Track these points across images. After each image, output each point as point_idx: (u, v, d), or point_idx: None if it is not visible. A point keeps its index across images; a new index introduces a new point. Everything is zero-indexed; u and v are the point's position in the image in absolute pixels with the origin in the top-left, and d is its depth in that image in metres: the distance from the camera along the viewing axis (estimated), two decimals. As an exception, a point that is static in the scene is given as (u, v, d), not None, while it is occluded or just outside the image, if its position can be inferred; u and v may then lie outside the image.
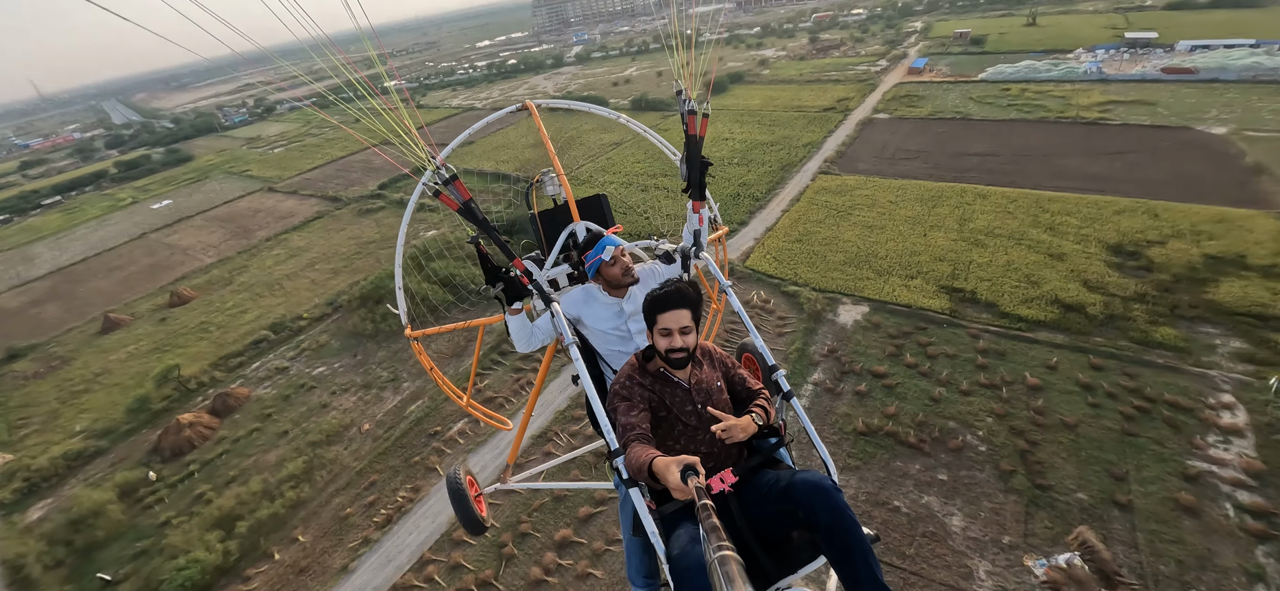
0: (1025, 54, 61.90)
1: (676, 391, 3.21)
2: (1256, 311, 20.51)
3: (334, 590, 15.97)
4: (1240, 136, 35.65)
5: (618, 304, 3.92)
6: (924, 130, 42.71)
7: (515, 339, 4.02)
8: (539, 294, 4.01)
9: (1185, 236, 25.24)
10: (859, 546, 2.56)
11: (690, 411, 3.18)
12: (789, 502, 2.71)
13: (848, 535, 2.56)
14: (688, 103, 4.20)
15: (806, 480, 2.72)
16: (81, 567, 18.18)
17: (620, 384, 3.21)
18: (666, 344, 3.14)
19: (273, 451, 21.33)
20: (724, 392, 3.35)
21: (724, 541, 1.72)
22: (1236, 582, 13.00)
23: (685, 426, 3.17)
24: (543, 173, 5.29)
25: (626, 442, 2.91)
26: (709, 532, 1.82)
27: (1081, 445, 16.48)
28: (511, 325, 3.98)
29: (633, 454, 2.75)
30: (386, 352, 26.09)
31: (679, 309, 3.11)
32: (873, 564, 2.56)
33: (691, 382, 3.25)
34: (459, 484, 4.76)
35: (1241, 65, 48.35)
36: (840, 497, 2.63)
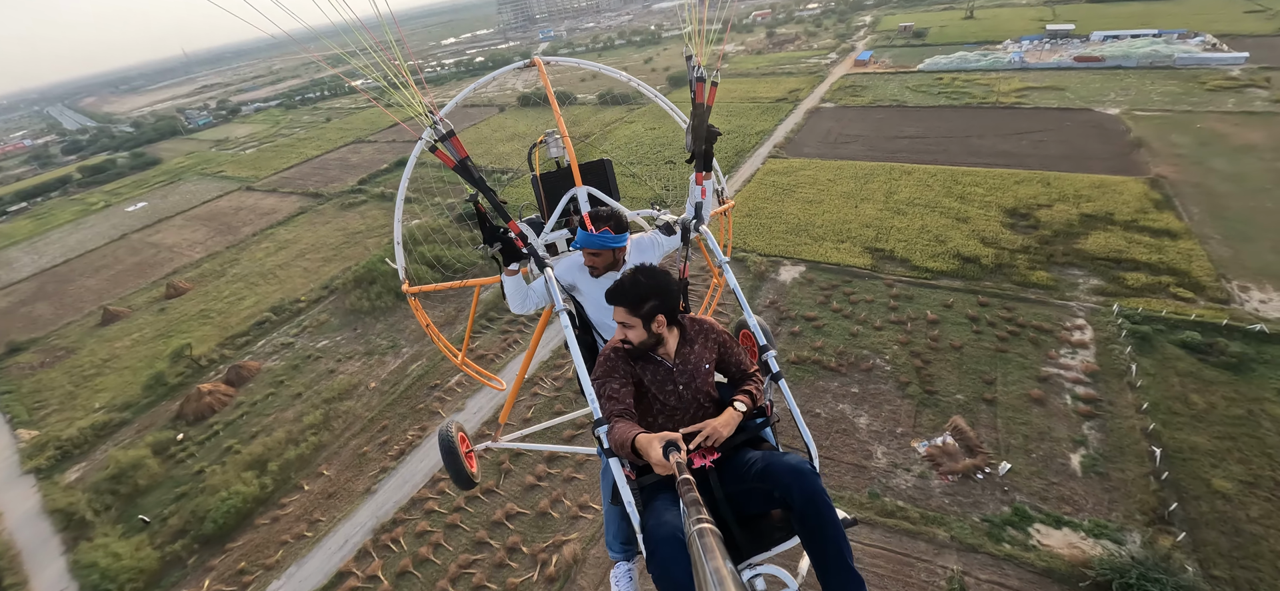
0: (960, 45, 67.38)
1: (659, 370, 3.23)
2: (1113, 256, 25.22)
3: (360, 507, 19.10)
4: (1129, 115, 41.05)
5: (612, 275, 3.90)
6: (864, 117, 47.26)
7: (511, 299, 4.05)
8: (534, 258, 3.96)
9: (1068, 200, 29.99)
10: (832, 529, 2.62)
11: (671, 391, 3.21)
12: (767, 482, 2.77)
13: (820, 518, 2.62)
14: (698, 69, 4.04)
15: (786, 463, 2.77)
16: (127, 511, 20.78)
17: (606, 356, 3.23)
18: (617, 334, 3.22)
19: (290, 409, 24.17)
20: (712, 374, 3.37)
21: (704, 515, 1.72)
22: (1065, 448, 17.28)
23: (663, 405, 3.21)
24: (547, 133, 5.28)
25: (610, 416, 2.95)
26: (689, 506, 1.84)
27: (963, 361, 20.72)
28: (507, 286, 3.99)
29: (616, 430, 2.81)
30: (384, 325, 28.99)
31: (618, 305, 3.13)
32: (844, 548, 2.62)
33: (676, 361, 3.26)
34: (450, 439, 4.82)
35: (1142, 53, 54.41)
36: (817, 482, 2.69)
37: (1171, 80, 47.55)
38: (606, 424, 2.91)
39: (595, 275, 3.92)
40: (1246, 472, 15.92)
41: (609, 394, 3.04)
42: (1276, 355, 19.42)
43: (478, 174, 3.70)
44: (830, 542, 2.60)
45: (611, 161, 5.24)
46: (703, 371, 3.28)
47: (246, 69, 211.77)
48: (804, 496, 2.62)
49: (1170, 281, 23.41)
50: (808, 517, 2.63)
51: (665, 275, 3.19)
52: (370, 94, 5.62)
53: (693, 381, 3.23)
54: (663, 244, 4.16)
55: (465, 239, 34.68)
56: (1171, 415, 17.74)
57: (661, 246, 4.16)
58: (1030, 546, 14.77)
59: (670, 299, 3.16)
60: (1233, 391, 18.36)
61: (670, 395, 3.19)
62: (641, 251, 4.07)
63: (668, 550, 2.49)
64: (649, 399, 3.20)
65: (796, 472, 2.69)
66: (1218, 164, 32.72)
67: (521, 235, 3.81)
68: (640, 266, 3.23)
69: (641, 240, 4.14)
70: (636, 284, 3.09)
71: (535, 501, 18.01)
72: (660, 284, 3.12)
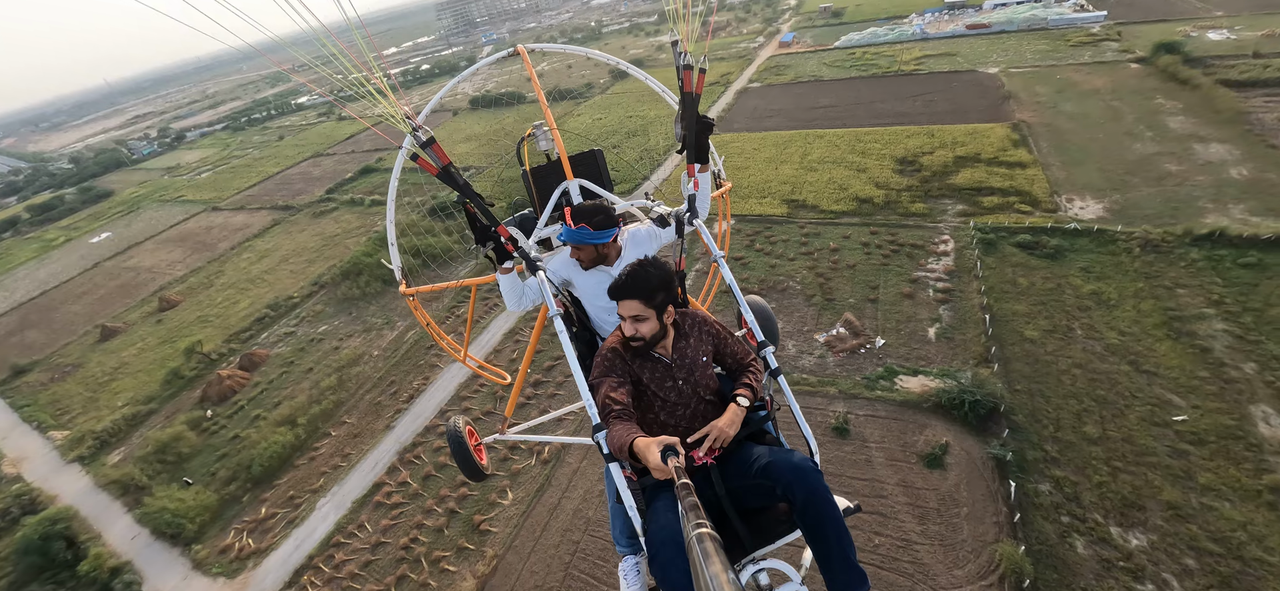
0: (873, 22, 74.30)
1: (657, 367, 3.24)
2: (975, 186, 31.42)
3: (383, 440, 23.30)
4: (1005, 73, 48.09)
5: (608, 271, 3.86)
6: (786, 93, 53.16)
7: (507, 298, 4.02)
8: (525, 261, 3.89)
9: (947, 146, 36.26)
10: (833, 525, 2.66)
11: (670, 387, 3.22)
12: (768, 479, 2.80)
13: (822, 516, 2.66)
14: (685, 57, 3.94)
15: (786, 459, 2.81)
16: (176, 475, 24.30)
17: (603, 356, 3.24)
18: (627, 329, 3.20)
19: (305, 380, 27.94)
20: (710, 368, 3.38)
21: (702, 520, 1.72)
22: (925, 324, 22.97)
23: (664, 402, 3.21)
24: (535, 126, 5.20)
25: (608, 418, 2.96)
26: (688, 511, 1.83)
27: (856, 275, 26.35)
28: (503, 284, 3.98)
29: (614, 433, 2.83)
30: (377, 307, 32.85)
31: (630, 299, 3.11)
32: (846, 544, 2.65)
33: (674, 357, 3.27)
34: (459, 435, 4.82)
35: (1022, 17, 62.11)
36: (818, 478, 2.73)
37: (1044, 40, 55.14)
38: (605, 429, 2.93)
39: (584, 268, 3.90)
40: (1049, 324, 21.94)
41: (606, 395, 3.04)
42: (1082, 244, 25.73)
43: (461, 179, 3.67)
44: (833, 539, 2.65)
45: (603, 152, 5.17)
46: (701, 364, 3.31)
47: (177, 95, 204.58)
48: (806, 494, 2.67)
49: (1015, 200, 29.70)
50: (809, 515, 2.68)
51: (669, 267, 3.25)
52: (345, 104, 5.83)
53: (691, 375, 3.25)
54: (660, 236, 4.13)
55: (439, 230, 38.58)
56: (1002, 293, 23.74)
57: (659, 238, 4.12)
58: (894, 390, 20.33)
59: (674, 291, 3.24)
60: (1048, 273, 24.52)
61: (670, 391, 3.21)
62: (638, 245, 4.02)
63: (667, 553, 2.53)
64: (649, 396, 3.21)
65: (799, 471, 2.73)
66: (1067, 107, 39.70)
67: (511, 239, 3.81)
68: (646, 259, 3.24)
69: (638, 233, 4.10)
70: (648, 275, 3.11)
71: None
72: (668, 275, 3.18)
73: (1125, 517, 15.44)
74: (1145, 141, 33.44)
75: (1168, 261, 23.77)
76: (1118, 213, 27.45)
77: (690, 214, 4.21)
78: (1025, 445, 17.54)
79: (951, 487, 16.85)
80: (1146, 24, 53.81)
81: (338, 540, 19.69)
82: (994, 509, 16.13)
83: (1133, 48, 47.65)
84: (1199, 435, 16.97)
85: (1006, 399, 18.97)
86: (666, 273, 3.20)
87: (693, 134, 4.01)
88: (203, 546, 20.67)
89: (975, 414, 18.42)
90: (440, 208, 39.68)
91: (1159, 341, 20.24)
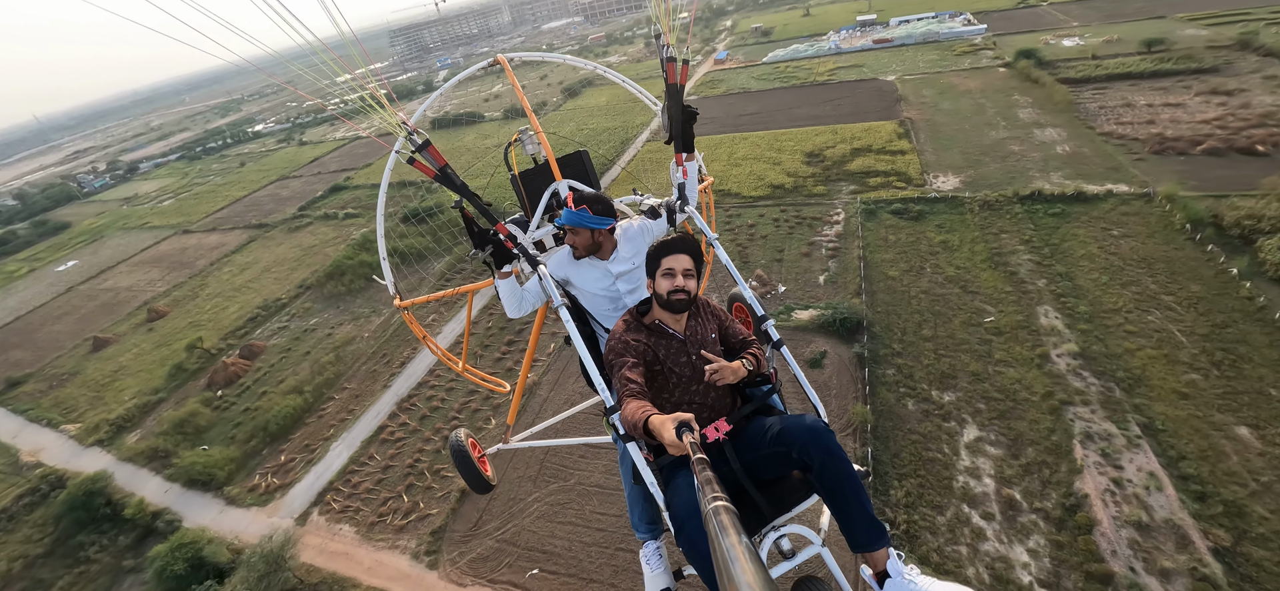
0: (796, 39, 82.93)
1: (671, 343, 3.35)
2: (866, 171, 38.36)
3: (382, 396, 27.75)
4: (901, 80, 56.26)
5: (604, 265, 3.94)
6: (719, 103, 60.06)
7: (506, 303, 4.05)
8: (525, 257, 3.96)
9: (847, 141, 43.36)
10: (851, 482, 2.73)
11: (685, 363, 3.32)
12: (783, 445, 2.88)
13: (839, 473, 2.74)
14: (667, 49, 4.01)
15: (799, 423, 2.89)
16: (195, 443, 27.98)
17: (616, 339, 3.33)
18: (669, 285, 3.28)
19: (305, 361, 31.97)
20: (718, 345, 3.53)
21: (718, 493, 1.76)
22: (817, 274, 29.18)
23: (679, 378, 3.31)
24: (521, 131, 5.24)
25: (622, 399, 3.00)
26: (704, 485, 1.86)
27: (768, 243, 32.54)
28: (502, 289, 4.02)
29: (628, 411, 2.87)
30: (363, 300, 37.08)
31: (681, 253, 3.28)
32: (864, 499, 2.73)
33: (687, 334, 3.40)
34: (462, 448, 4.87)
35: (920, 32, 71.39)
36: (832, 438, 2.79)
37: (935, 51, 64.09)
38: (618, 410, 3.01)
39: (576, 256, 3.97)
40: (906, 265, 28.47)
41: (621, 375, 3.13)
42: (939, 209, 32.66)
43: (459, 180, 3.78)
44: (851, 495, 2.73)
45: (588, 152, 5.31)
46: (710, 341, 3.46)
47: (118, 129, 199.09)
48: (822, 453, 2.75)
49: (894, 179, 36.71)
50: (827, 473, 2.76)
51: None
52: (342, 114, 8.18)
53: (704, 351, 3.37)
54: (651, 229, 4.17)
55: (411, 233, 43.04)
56: (876, 247, 30.28)
57: (650, 231, 4.16)
58: (790, 319, 26.30)
59: (703, 264, 3.42)
60: (911, 231, 31.25)
61: (684, 367, 3.32)
62: (631, 239, 4.06)
63: (695, 524, 2.61)
64: (664, 373, 3.33)
65: (813, 432, 2.83)
66: (945, 105, 47.66)
67: (510, 236, 3.90)
68: (668, 233, 3.39)
69: (629, 228, 4.13)
70: (686, 236, 3.36)
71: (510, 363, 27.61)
72: (699, 244, 3.43)
73: (942, 384, 21.69)
74: (999, 129, 41.32)
75: (998, 216, 30.90)
76: (969, 183, 34.72)
77: (680, 201, 4.30)
78: (879, 346, 23.74)
79: (827, 378, 22.82)
80: (1017, 34, 63.44)
81: (351, 469, 24.09)
82: (855, 389, 22.16)
83: (1003, 55, 56.65)
84: (1000, 329, 23.53)
85: (869, 317, 25.23)
86: (699, 246, 3.40)
87: (679, 124, 4.15)
88: (233, 487, 24.65)
89: (845, 328, 24.55)
90: (413, 214, 44.33)
91: (983, 271, 27.01)
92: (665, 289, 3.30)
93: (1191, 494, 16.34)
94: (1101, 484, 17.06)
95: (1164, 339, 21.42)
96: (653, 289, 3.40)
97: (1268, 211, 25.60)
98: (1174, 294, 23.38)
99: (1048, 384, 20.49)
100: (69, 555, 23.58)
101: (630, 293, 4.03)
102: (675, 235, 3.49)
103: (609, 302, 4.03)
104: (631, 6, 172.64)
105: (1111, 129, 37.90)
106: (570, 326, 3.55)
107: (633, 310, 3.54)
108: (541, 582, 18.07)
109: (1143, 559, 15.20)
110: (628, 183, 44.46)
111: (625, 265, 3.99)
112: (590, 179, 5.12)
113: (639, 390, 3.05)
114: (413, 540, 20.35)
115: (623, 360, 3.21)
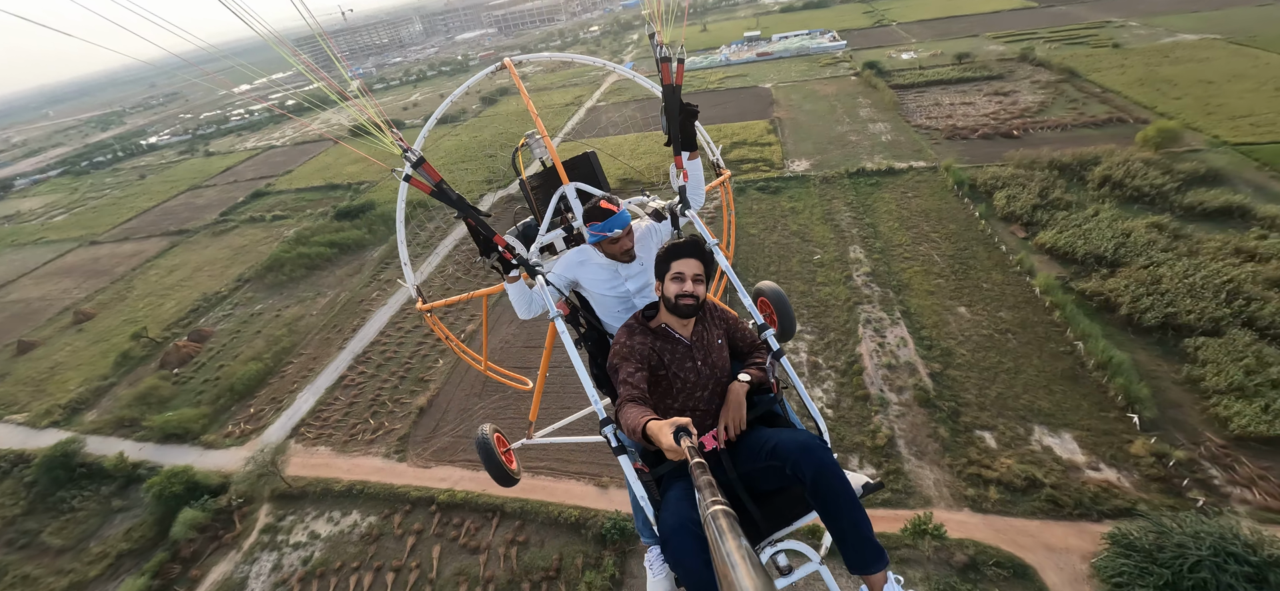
0: (695, 52, 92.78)
1: (677, 347, 3.36)
2: (740, 159, 47.10)
3: (340, 354, 32.23)
4: (775, 87, 66.54)
5: (613, 265, 3.96)
6: (624, 108, 67.85)
7: (516, 306, 4.09)
8: (523, 267, 3.98)
9: (727, 137, 52.18)
10: (848, 501, 2.66)
11: (690, 368, 3.31)
12: (777, 459, 2.84)
13: (833, 491, 2.67)
14: (662, 49, 4.02)
15: (794, 439, 2.84)
16: (162, 412, 31.04)
17: (620, 343, 3.32)
18: (677, 289, 3.26)
19: (258, 337, 35.49)
20: (725, 350, 3.53)
21: (718, 497, 1.73)
22: (700, 237, 37.02)
23: (684, 383, 3.30)
24: (528, 135, 5.27)
25: (622, 404, 2.99)
26: (703, 489, 1.84)
27: (661, 215, 40.07)
28: (511, 293, 4.05)
29: (627, 414, 2.86)
30: (305, 286, 40.70)
31: (690, 257, 3.27)
32: (861, 519, 2.66)
33: (693, 338, 3.40)
34: (487, 442, 4.90)
35: (795, 47, 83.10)
36: (826, 454, 2.73)
37: (805, 62, 75.53)
38: (613, 423, 3.00)
39: (627, 260, 3.94)
40: (764, 226, 36.90)
41: (624, 378, 3.12)
42: (792, 185, 41.65)
43: (455, 194, 3.83)
44: (845, 515, 2.66)
45: (596, 153, 5.39)
46: (717, 346, 3.48)
47: None
48: (814, 470, 2.69)
49: (761, 164, 45.60)
50: (820, 491, 2.69)
51: None
52: (333, 135, 10.34)
53: (710, 356, 3.40)
54: (658, 230, 4.19)
55: (346, 227, 46.85)
56: (742, 215, 38.59)
57: (658, 233, 4.18)
58: (677, 269, 33.77)
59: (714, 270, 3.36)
60: (770, 202, 39.92)
61: (690, 371, 3.33)
62: (640, 240, 4.06)
63: (680, 540, 2.57)
64: (668, 378, 3.31)
65: (805, 448, 2.76)
66: (806, 107, 57.94)
67: (509, 247, 3.95)
68: (675, 236, 3.46)
69: (638, 228, 4.13)
70: (699, 243, 3.33)
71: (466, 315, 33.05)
72: (709, 250, 3.41)
73: (781, 302, 29.89)
74: (843, 124, 51.71)
75: (832, 187, 40.29)
76: (816, 165, 44.21)
77: (682, 205, 4.27)
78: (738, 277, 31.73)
79: (701, 306, 30.40)
80: (870, 49, 76.12)
81: (319, 409, 28.65)
82: (721, 310, 29.87)
83: (856, 66, 68.51)
84: (823, 262, 32.20)
85: (732, 260, 33.25)
86: (710, 251, 3.43)
87: (676, 124, 4.11)
88: (209, 436, 28.39)
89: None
90: (345, 213, 48.27)
91: (817, 226, 35.91)
92: (673, 293, 3.30)
93: (923, 345, 25.20)
94: (871, 347, 25.64)
95: (925, 260, 30.87)
96: (661, 292, 3.40)
97: (1003, 174, 36.35)
98: (938, 231, 33.17)
99: (848, 294, 29.19)
100: (51, 509, 26.44)
101: (640, 293, 4.02)
102: (686, 238, 3.46)
103: (619, 304, 4.03)
104: (543, 20, 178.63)
105: (922, 122, 49.11)
106: (566, 338, 3.57)
107: (639, 314, 3.56)
108: (490, 459, 24.04)
109: (888, 384, 23.68)
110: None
111: (634, 266, 3.99)
112: (598, 180, 5.22)
113: (639, 395, 3.05)
114: (382, 447, 25.55)
115: (626, 364, 3.21)
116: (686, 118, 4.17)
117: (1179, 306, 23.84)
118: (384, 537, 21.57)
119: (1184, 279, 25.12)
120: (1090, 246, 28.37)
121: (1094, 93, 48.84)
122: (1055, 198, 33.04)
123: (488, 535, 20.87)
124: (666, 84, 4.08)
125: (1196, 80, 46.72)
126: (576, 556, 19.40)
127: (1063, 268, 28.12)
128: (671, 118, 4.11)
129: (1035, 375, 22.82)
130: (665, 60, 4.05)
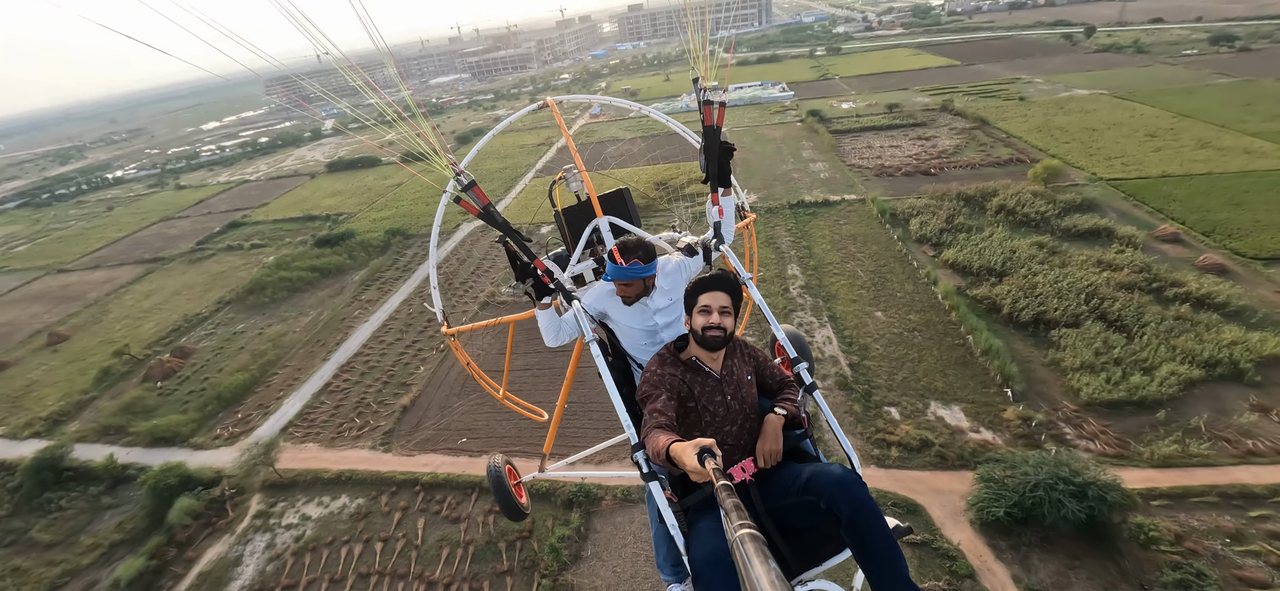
0: (659, 100, 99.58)
1: (707, 381, 3.37)
2: (697, 193, 51.97)
3: (325, 364, 34.54)
4: (729, 132, 72.56)
5: (641, 300, 4.03)
6: (590, 148, 72.78)
7: (544, 333, 4.17)
8: (561, 292, 4.13)
9: (686, 174, 57.19)
10: (884, 540, 2.59)
11: (719, 402, 3.32)
12: (810, 494, 2.78)
13: (871, 528, 2.60)
14: (704, 92, 4.29)
15: (828, 472, 2.78)
16: (147, 421, 32.58)
17: (650, 373, 3.35)
18: (704, 321, 3.29)
19: (241, 352, 37.40)
20: (754, 387, 3.54)
21: (746, 520, 1.71)
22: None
23: (713, 416, 3.31)
24: (565, 169, 5.65)
25: (648, 431, 2.96)
26: (730, 511, 1.81)
27: (624, 240, 44.23)
28: (541, 320, 4.13)
29: (652, 440, 2.83)
30: (286, 306, 42.81)
31: (718, 290, 3.29)
32: (897, 558, 2.58)
33: (723, 372, 3.42)
34: (499, 474, 4.90)
35: (748, 96, 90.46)
36: (863, 490, 2.68)
37: (757, 109, 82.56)
38: (643, 449, 3.00)
39: (628, 304, 4.09)
40: (717, 250, 41.32)
41: (653, 409, 3.11)
42: (743, 215, 46.51)
43: (500, 218, 3.99)
44: (882, 552, 2.58)
45: (629, 190, 5.75)
46: (746, 382, 3.50)
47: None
48: (851, 505, 2.63)
49: (715, 197, 50.46)
50: (857, 527, 2.63)
51: None
52: (384, 150, 12.36)
53: (739, 391, 3.41)
54: (689, 266, 4.29)
55: (327, 253, 49.30)
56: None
57: (688, 268, 4.28)
58: (638, 285, 37.68)
59: (741, 301, 3.43)
60: (722, 228, 44.54)
61: (719, 405, 3.34)
62: (669, 275, 4.18)
63: (713, 573, 2.53)
64: (697, 410, 3.33)
65: (842, 483, 2.71)
66: (757, 148, 63.89)
67: (547, 271, 4.05)
68: (706, 271, 3.48)
69: (667, 264, 4.25)
70: (728, 277, 3.37)
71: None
72: (738, 283, 3.46)
73: (728, 311, 34.01)
74: (789, 163, 57.55)
75: (777, 217, 45.32)
76: (763, 197, 49.38)
77: (716, 239, 4.47)
78: (692, 293, 35.83)
79: (658, 315, 34.25)
80: (815, 100, 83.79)
81: (306, 412, 30.89)
82: (675, 319, 33.77)
83: (801, 114, 75.58)
84: (766, 279, 36.62)
85: (687, 278, 37.43)
86: (739, 284, 3.45)
87: (715, 163, 4.39)
88: (199, 438, 30.20)
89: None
90: (325, 241, 50.84)
91: (760, 249, 40.54)
92: (701, 325, 3.32)
93: (845, 342, 29.52)
94: (802, 344, 29.85)
95: (851, 274, 35.67)
96: (690, 325, 3.42)
97: (919, 204, 42.00)
98: (863, 251, 38.19)
99: (784, 302, 33.55)
100: (37, 510, 27.72)
101: (667, 327, 4.10)
102: (715, 272, 3.51)
103: (646, 337, 4.10)
104: (515, 67, 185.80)
105: (855, 161, 55.29)
106: (600, 362, 3.63)
107: (669, 345, 3.58)
108: (469, 447, 26.84)
109: (815, 372, 27.77)
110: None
111: (663, 300, 4.09)
112: (631, 216, 5.47)
113: (666, 422, 3.02)
114: (368, 441, 28.03)
115: (655, 393, 3.23)
116: (724, 155, 4.48)
117: (1048, 306, 28.93)
118: (372, 515, 24.01)
119: (1054, 285, 30.39)
120: (984, 261, 33.66)
121: (1000, 137, 56.15)
122: (959, 222, 38.65)
123: (468, 507, 23.61)
124: (707, 125, 4.38)
125: (1083, 128, 54.51)
126: (547, 518, 22.36)
127: (961, 278, 33.24)
128: (711, 156, 4.41)
129: (934, 363, 27.31)
130: (707, 103, 4.34)
